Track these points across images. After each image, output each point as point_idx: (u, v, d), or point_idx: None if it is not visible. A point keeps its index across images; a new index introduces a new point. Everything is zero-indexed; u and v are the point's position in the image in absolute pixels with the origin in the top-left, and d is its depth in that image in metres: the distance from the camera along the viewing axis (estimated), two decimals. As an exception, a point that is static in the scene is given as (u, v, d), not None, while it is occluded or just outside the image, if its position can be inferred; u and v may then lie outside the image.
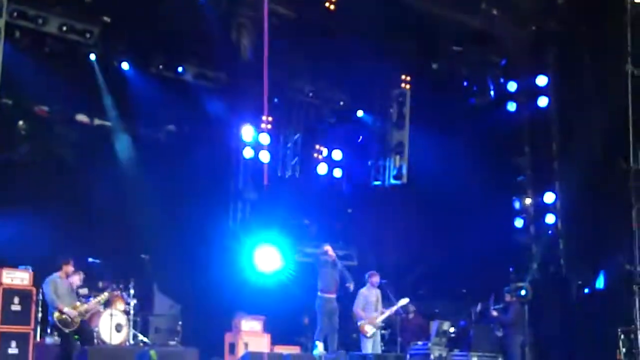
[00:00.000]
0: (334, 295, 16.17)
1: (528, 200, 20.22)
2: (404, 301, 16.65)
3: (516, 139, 20.35)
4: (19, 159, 16.45)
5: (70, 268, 14.01)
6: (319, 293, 16.19)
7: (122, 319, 15.34)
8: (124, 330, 15.29)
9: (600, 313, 18.12)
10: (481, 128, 19.77)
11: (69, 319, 13.59)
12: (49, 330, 14.50)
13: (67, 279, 14.01)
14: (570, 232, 19.58)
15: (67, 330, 13.58)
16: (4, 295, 13.43)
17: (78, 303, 14.00)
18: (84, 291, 14.99)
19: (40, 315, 14.68)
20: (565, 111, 19.78)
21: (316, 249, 20.63)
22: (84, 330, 13.92)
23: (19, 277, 13.78)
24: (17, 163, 16.43)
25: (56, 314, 13.55)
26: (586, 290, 19.10)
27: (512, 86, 20.14)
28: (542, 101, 19.95)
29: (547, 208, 19.89)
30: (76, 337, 13.76)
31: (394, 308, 16.39)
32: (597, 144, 18.47)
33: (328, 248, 16.55)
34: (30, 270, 14.02)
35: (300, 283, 19.34)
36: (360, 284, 16.63)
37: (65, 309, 13.57)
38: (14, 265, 13.99)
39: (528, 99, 20.19)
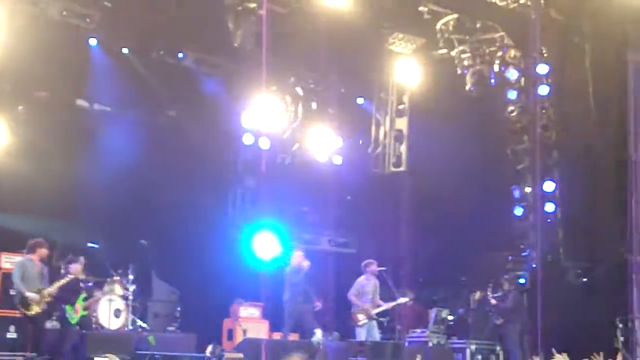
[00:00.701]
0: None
1: (528, 189, 20.22)
2: (403, 300, 16.65)
3: (516, 127, 20.33)
4: (18, 145, 16.42)
5: (44, 251, 13.72)
6: (285, 303, 16.05)
7: (120, 305, 15.38)
8: (123, 316, 15.33)
9: (598, 302, 18.15)
10: (481, 116, 19.75)
11: (30, 302, 13.27)
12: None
13: (39, 263, 13.66)
14: (569, 220, 19.58)
15: (28, 313, 13.29)
16: (3, 280, 13.46)
17: (44, 287, 13.54)
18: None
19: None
20: (565, 100, 19.75)
21: (312, 236, 20.74)
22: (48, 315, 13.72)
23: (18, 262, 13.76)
24: (16, 148, 16.40)
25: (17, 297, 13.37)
26: (584, 279, 19.13)
27: (512, 74, 20.10)
28: (543, 89, 19.92)
29: (547, 196, 19.88)
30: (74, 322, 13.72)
31: (392, 304, 16.43)
32: (596, 133, 18.45)
33: (304, 263, 16.30)
34: (29, 255, 14.00)
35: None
36: (360, 271, 16.65)
37: (27, 293, 13.19)
38: (14, 250, 13.99)
39: (528, 87, 20.16)
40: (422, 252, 20.57)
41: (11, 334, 13.38)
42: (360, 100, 21.40)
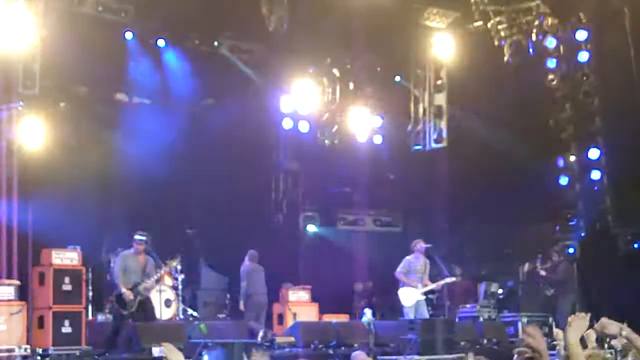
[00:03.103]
0: (263, 295, 16.15)
1: (572, 158, 19.99)
2: (450, 280, 16.54)
3: (557, 96, 20.07)
4: (62, 141, 16.58)
5: (142, 246, 14.09)
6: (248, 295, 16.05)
7: (170, 295, 15.52)
8: (173, 306, 15.48)
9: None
10: (521, 87, 19.52)
11: (126, 301, 13.71)
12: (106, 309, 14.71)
13: (140, 256, 14.06)
14: (617, 187, 19.33)
15: (124, 312, 13.71)
16: (54, 276, 13.63)
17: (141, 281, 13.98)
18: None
19: (91, 294, 14.90)
20: (605, 65, 19.44)
21: (356, 216, 20.72)
22: (146, 309, 14.02)
23: (69, 258, 13.97)
24: (60, 144, 16.56)
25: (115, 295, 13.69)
26: (635, 245, 18.88)
27: (551, 42, 19.81)
28: (583, 56, 19.63)
29: (592, 164, 19.65)
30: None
31: (441, 283, 16.32)
32: (639, 96, 18.15)
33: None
34: (79, 250, 14.19)
35: (344, 251, 19.40)
36: (405, 250, 16.59)
37: (123, 290, 13.67)
38: (63, 245, 14.16)
39: (568, 54, 19.88)
40: (467, 227, 20.45)
41: (66, 329, 13.55)
42: (397, 78, 21.25)
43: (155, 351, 12.74)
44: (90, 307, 14.89)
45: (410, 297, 16.02)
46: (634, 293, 17.73)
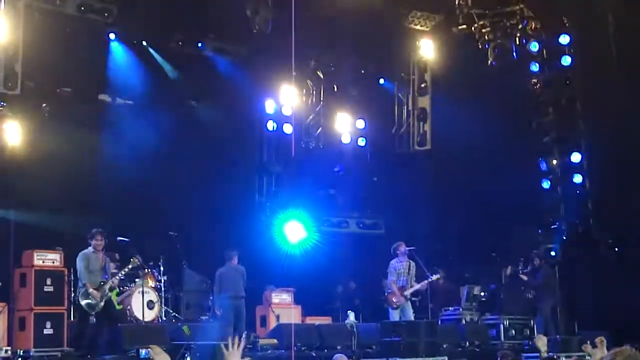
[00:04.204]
0: (240, 295, 15.75)
1: (554, 161, 20.07)
2: (435, 277, 16.57)
3: (540, 99, 20.16)
4: (44, 142, 16.50)
5: (101, 242, 13.86)
6: (222, 295, 15.63)
7: (153, 296, 15.45)
8: (156, 307, 15.41)
9: (631, 272, 18.02)
10: (504, 90, 19.59)
11: (93, 302, 13.58)
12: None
13: (100, 254, 13.90)
14: (599, 191, 19.42)
15: (91, 313, 13.58)
16: (36, 277, 13.56)
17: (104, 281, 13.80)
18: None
19: (73, 295, 14.83)
20: (588, 69, 19.54)
21: (340, 219, 20.68)
22: (108, 310, 13.86)
23: (50, 259, 13.89)
24: (42, 145, 16.48)
25: (82, 296, 13.55)
26: (617, 249, 18.98)
27: (534, 46, 19.90)
28: (566, 60, 19.73)
29: (574, 168, 19.73)
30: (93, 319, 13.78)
31: (425, 283, 16.33)
32: (622, 101, 18.24)
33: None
34: (61, 252, 14.12)
35: (327, 253, 19.39)
36: (388, 253, 16.59)
37: (91, 290, 13.51)
38: (45, 247, 14.09)
39: (551, 58, 19.97)
40: (450, 230, 20.50)
41: (47, 330, 13.48)
42: (381, 81, 21.29)
43: (142, 353, 12.71)
44: (72, 309, 14.80)
45: (396, 300, 16.03)
46: (615, 296, 17.84)
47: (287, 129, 19.60)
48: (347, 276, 19.87)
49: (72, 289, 14.71)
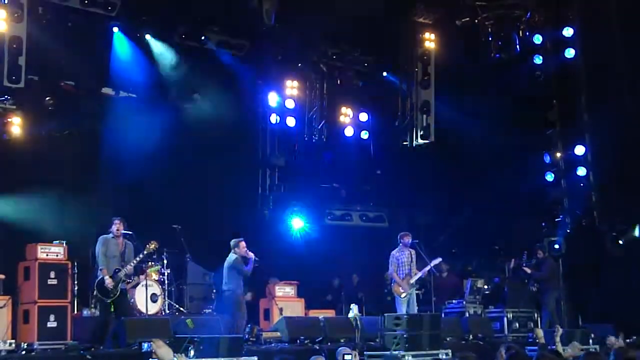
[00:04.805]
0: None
1: (558, 154, 20.05)
2: (437, 261, 16.59)
3: (544, 92, 20.12)
4: (48, 135, 16.52)
5: (120, 226, 13.87)
6: (233, 293, 15.01)
7: (157, 289, 15.46)
8: (160, 300, 15.42)
9: (635, 265, 18.01)
10: (508, 83, 19.57)
11: (108, 289, 13.62)
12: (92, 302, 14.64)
13: (119, 240, 13.89)
14: (603, 183, 19.40)
15: (107, 301, 13.62)
16: (40, 270, 13.56)
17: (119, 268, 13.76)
18: None
19: (76, 288, 14.84)
20: (592, 62, 19.50)
21: (343, 212, 20.67)
22: (122, 301, 13.93)
23: (54, 252, 13.88)
24: (45, 138, 16.51)
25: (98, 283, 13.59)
26: (621, 242, 18.96)
27: (537, 39, 19.87)
28: (569, 53, 19.69)
29: (578, 161, 19.72)
30: (112, 309, 13.80)
31: (427, 268, 16.33)
32: (626, 93, 18.21)
33: (250, 254, 15.21)
34: (65, 245, 14.13)
35: (330, 247, 19.40)
36: (391, 246, 16.60)
37: (106, 277, 13.54)
38: (49, 240, 14.10)
39: (554, 51, 19.93)
40: (454, 223, 20.50)
41: (51, 323, 13.49)
42: (384, 74, 21.26)
43: (144, 346, 12.70)
44: (75, 302, 14.81)
45: (404, 290, 16.03)
46: (619, 290, 17.84)
47: (291, 122, 19.60)
48: (350, 269, 19.88)
49: (77, 282, 14.74)
